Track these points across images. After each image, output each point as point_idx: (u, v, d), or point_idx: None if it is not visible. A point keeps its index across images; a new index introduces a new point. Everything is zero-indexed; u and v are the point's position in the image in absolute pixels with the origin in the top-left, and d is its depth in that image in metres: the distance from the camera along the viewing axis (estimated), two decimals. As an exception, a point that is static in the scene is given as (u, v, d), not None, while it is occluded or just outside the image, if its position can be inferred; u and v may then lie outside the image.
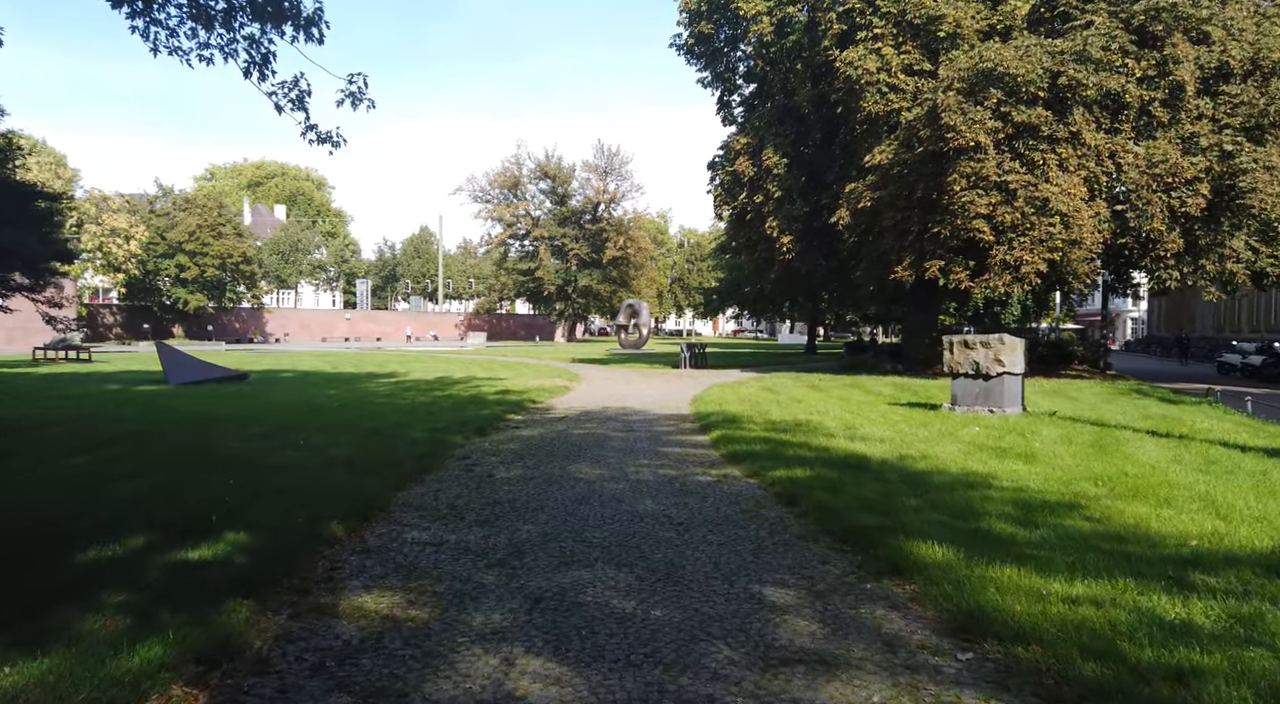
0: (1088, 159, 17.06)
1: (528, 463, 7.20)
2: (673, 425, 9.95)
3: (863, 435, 8.14)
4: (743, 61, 24.54)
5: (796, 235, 21.79)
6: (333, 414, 10.98)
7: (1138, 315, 72.36)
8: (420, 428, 9.46)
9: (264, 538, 4.38)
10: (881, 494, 5.29)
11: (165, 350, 19.01)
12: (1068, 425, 8.98)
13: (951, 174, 16.64)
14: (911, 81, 18.58)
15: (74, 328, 13.91)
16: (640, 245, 59.46)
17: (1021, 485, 5.66)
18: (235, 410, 11.38)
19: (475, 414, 11.00)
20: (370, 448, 7.85)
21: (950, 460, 6.69)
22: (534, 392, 14.56)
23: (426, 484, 6.29)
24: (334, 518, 4.83)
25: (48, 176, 42.88)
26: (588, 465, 6.99)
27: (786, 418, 9.75)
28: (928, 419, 9.46)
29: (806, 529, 4.64)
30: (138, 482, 6.01)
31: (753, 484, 6.05)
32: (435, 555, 4.25)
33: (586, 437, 8.90)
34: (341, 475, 6.38)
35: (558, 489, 6.00)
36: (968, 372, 9.94)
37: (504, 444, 8.43)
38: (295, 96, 6.58)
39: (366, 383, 17.61)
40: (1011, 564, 3.60)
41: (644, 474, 6.54)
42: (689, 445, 8.14)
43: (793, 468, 6.28)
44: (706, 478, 6.34)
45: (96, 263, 46.80)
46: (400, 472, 6.59)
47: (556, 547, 4.38)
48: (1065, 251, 16.85)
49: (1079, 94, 16.57)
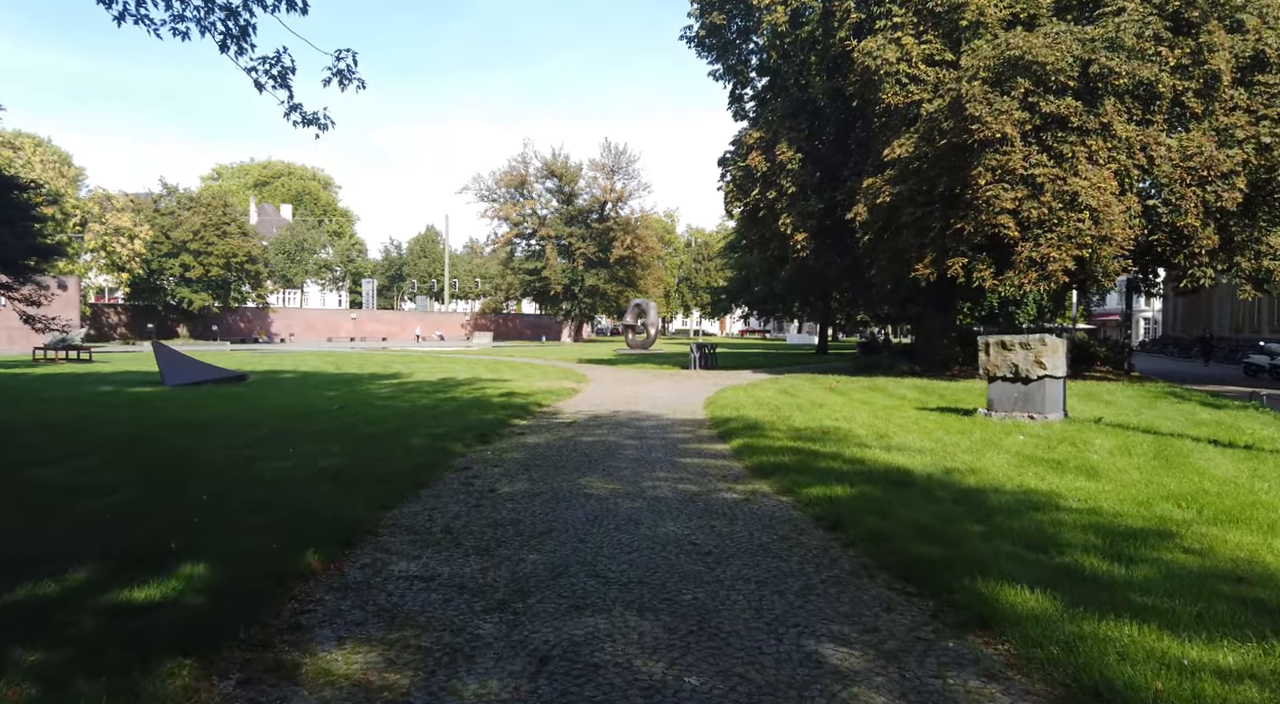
0: (1119, 151, 16.32)
1: (534, 475, 6.56)
2: (688, 432, 9.30)
3: (899, 445, 7.47)
4: (755, 54, 23.86)
5: (811, 232, 21.10)
6: (329, 418, 10.39)
7: (1150, 315, 71.18)
8: (420, 434, 8.85)
9: (226, 571, 3.76)
10: (937, 517, 4.63)
11: (162, 351, 18.50)
12: (1119, 434, 8.28)
13: (976, 167, 15.92)
14: (933, 72, 17.85)
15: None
16: (647, 244, 58.80)
17: (1093, 506, 4.99)
18: (228, 414, 10.81)
19: (478, 419, 10.39)
20: (364, 457, 7.24)
21: (1003, 475, 6.02)
22: (540, 394, 13.94)
23: (421, 501, 5.66)
24: (311, 545, 4.21)
25: (51, 175, 42.52)
26: (599, 479, 6.35)
27: (811, 424, 9.07)
28: (965, 426, 8.77)
29: (858, 562, 3.97)
30: (104, 498, 5.41)
31: (786, 503, 5.38)
32: (425, 595, 3.61)
33: (597, 445, 8.26)
34: (328, 490, 5.77)
35: (567, 508, 5.37)
36: (1005, 375, 9.25)
37: (508, 453, 7.80)
38: (277, 73, 5.97)
39: (368, 384, 17.04)
40: (1128, 618, 2.93)
41: (662, 489, 5.89)
42: (708, 455, 7.49)
43: (829, 484, 5.62)
44: (732, 495, 5.69)
45: (100, 262, 46.47)
46: (393, 486, 5.97)
47: (567, 583, 3.74)
48: (1095, 248, 16.11)
49: (1111, 83, 15.83)
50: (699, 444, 8.26)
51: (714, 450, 7.78)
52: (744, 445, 7.68)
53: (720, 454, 7.55)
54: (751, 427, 8.93)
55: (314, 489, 5.79)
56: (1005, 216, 15.86)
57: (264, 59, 5.91)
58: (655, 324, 40.45)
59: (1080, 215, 15.85)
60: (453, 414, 10.91)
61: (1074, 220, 15.86)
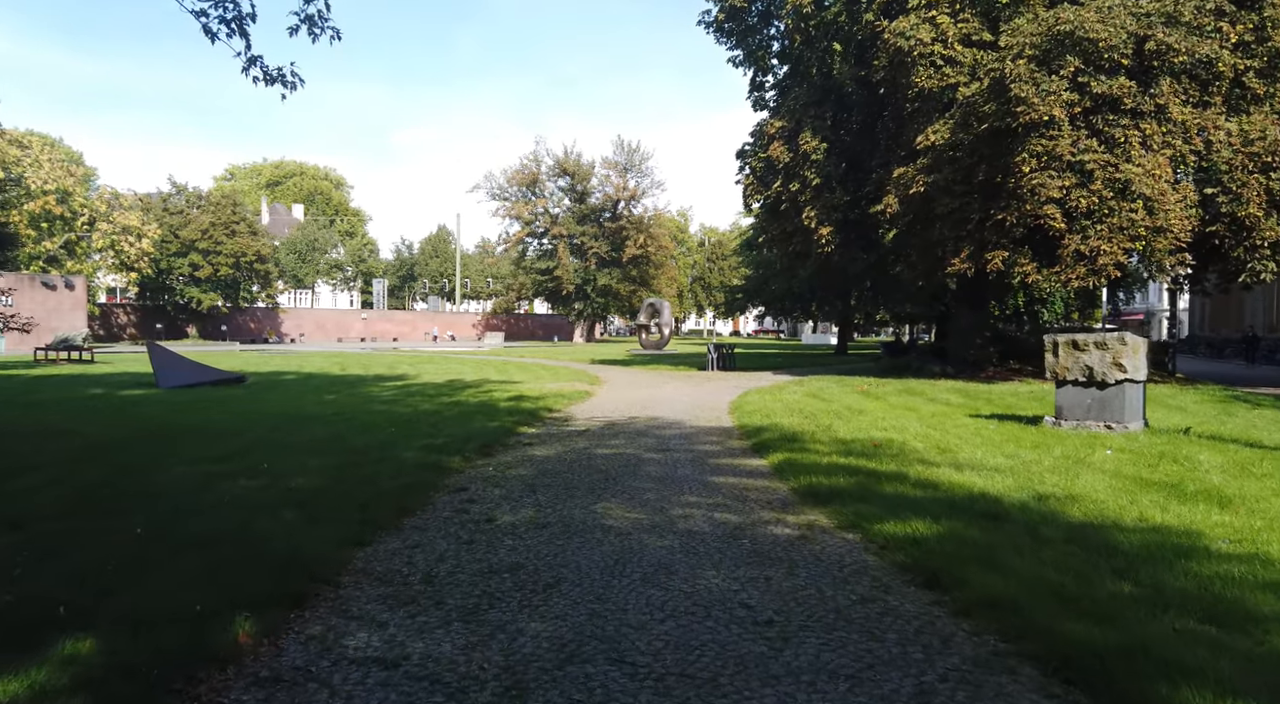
0: (1174, 136, 15.08)
1: (540, 499, 5.54)
2: (717, 443, 8.24)
3: (969, 462, 6.37)
4: (777, 39, 22.76)
5: (836, 226, 19.94)
6: (320, 425, 9.44)
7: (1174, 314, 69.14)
8: (415, 445, 7.87)
9: (119, 651, 2.75)
10: (1064, 571, 3.54)
11: (157, 352, 17.70)
12: (1221, 448, 7.13)
13: (1020, 153, 14.74)
14: (969, 53, 16.67)
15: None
16: (661, 244, 57.74)
17: (1253, 549, 3.89)
18: (211, 420, 9.91)
19: (482, 426, 9.40)
20: (345, 475, 6.25)
21: (1113, 504, 4.91)
22: (551, 398, 12.94)
23: (403, 534, 4.65)
24: (248, 605, 3.20)
25: (59, 173, 42.06)
26: (619, 505, 5.31)
27: (858, 435, 7.98)
28: (1036, 438, 7.64)
29: (984, 646, 2.87)
30: (11, 534, 4.43)
31: (854, 543, 4.31)
32: (382, 695, 2.59)
33: (614, 459, 7.22)
34: (293, 521, 4.77)
35: (580, 547, 4.33)
36: (1078, 379, 8.12)
37: (512, 468, 6.78)
38: (232, 18, 4.94)
39: (371, 386, 16.13)
40: None
41: (696, 521, 4.84)
42: (745, 473, 6.43)
43: (904, 516, 4.54)
44: (784, 530, 4.62)
45: (109, 262, 45.98)
46: (372, 514, 4.96)
47: (580, 675, 2.70)
48: (1149, 240, 14.89)
49: (1168, 62, 14.61)
50: (731, 459, 7.20)
51: (750, 467, 6.72)
52: (785, 462, 6.60)
53: (758, 472, 6.48)
54: (789, 438, 7.85)
55: (276, 519, 4.80)
56: (1051, 206, 14.67)
57: (216, 1, 4.91)
58: (669, 324, 39.36)
59: (1133, 205, 14.64)
60: (455, 421, 9.93)
61: (1126, 210, 14.65)
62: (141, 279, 47.98)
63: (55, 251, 42.94)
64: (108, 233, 43.66)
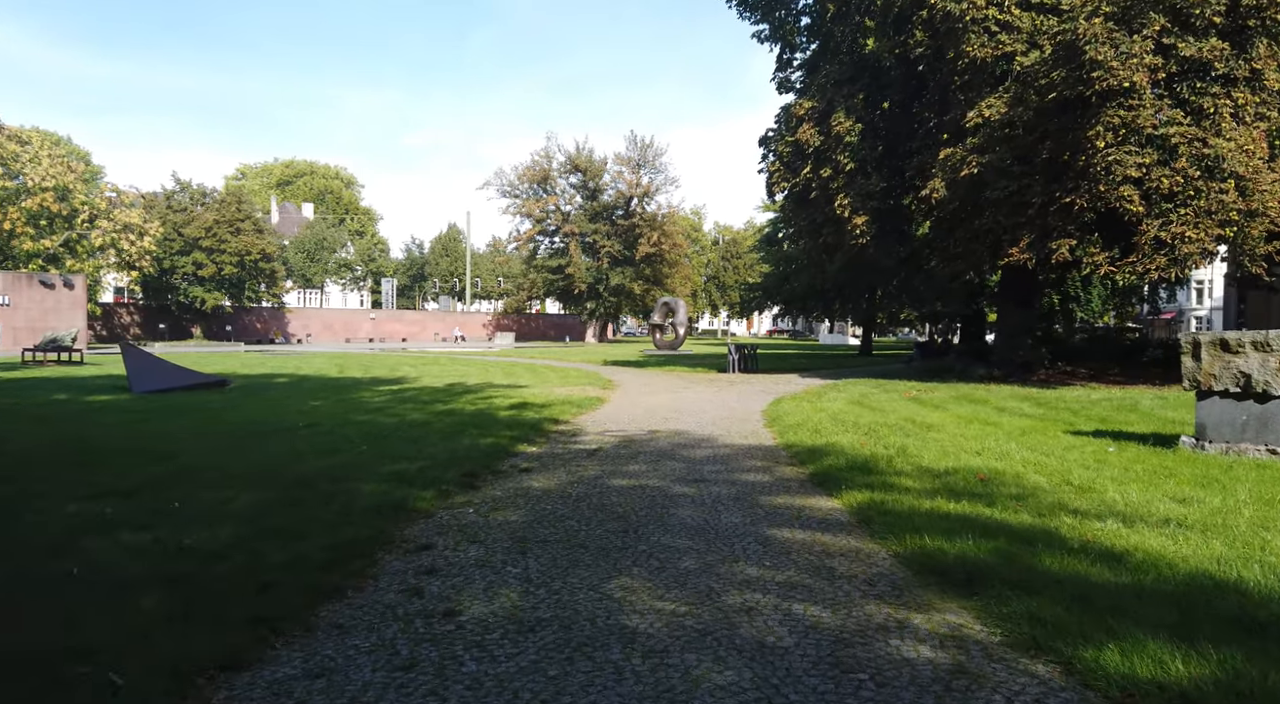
0: (1271, 107, 13.21)
1: (531, 569, 3.84)
2: (763, 469, 6.50)
3: (1132, 512, 4.54)
4: (806, 13, 20.97)
5: (871, 215, 18.10)
6: (281, 441, 7.84)
7: (1203, 314, 66.45)
8: (382, 471, 6.24)
9: None
10: None
11: (132, 354, 16.27)
12: None
13: (1094, 127, 12.87)
14: (1028, 17, 14.81)
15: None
16: (675, 242, 55.98)
17: None
18: (160, 434, 8.41)
19: (473, 444, 7.75)
20: (270, 524, 4.59)
21: None
22: (558, 405, 11.26)
23: (310, 642, 2.96)
24: None
25: (59, 170, 40.93)
26: (644, 583, 3.60)
27: (949, 463, 6.18)
28: (1192, 470, 5.76)
29: None
30: None
31: (1049, 682, 2.58)
32: None
33: (634, 495, 5.52)
34: (153, 610, 3.11)
35: (584, 683, 2.62)
36: (1229, 388, 6.31)
37: (498, 511, 5.10)
38: None
39: (363, 391, 14.57)
40: None
41: (768, 619, 3.12)
42: (815, 524, 4.68)
43: (1122, 628, 2.74)
44: (918, 648, 2.84)
45: (110, 260, 44.84)
46: (274, 599, 3.29)
47: None
48: (1241, 225, 13.00)
49: (1266, 19, 12.71)
50: (789, 496, 5.45)
51: (820, 512, 4.97)
52: (868, 505, 4.85)
53: (834, 521, 4.73)
54: (860, 467, 6.08)
55: (119, 612, 3.13)
56: (1128, 187, 12.81)
57: None
58: (684, 324, 37.57)
59: (1223, 185, 12.77)
60: (442, 435, 8.28)
61: (1215, 191, 12.78)
62: (144, 278, 46.81)
63: (55, 249, 41.82)
64: (108, 230, 42.48)
